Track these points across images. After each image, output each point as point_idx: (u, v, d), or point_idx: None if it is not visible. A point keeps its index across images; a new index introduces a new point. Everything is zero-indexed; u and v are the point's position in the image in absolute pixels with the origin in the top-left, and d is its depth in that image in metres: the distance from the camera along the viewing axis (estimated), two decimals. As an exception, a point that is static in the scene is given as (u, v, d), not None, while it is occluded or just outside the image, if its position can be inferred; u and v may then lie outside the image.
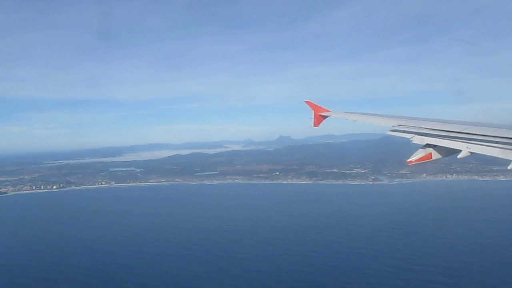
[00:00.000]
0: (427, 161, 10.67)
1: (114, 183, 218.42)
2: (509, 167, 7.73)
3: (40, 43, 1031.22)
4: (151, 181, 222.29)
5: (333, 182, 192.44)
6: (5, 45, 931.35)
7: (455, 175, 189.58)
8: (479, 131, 9.62)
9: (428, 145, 10.63)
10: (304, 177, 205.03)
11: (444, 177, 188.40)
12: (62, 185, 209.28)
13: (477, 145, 9.19)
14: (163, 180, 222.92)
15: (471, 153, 9.29)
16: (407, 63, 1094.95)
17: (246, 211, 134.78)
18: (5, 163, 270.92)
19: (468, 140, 9.60)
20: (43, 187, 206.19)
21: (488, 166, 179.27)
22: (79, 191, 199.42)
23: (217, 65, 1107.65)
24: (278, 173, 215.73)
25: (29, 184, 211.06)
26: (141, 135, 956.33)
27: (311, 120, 18.72)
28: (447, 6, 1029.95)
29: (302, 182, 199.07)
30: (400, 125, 12.79)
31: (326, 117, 18.30)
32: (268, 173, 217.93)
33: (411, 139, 11.28)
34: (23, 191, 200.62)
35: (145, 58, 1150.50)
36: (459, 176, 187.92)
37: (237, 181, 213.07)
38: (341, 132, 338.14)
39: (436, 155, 10.49)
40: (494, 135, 9.02)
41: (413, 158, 10.67)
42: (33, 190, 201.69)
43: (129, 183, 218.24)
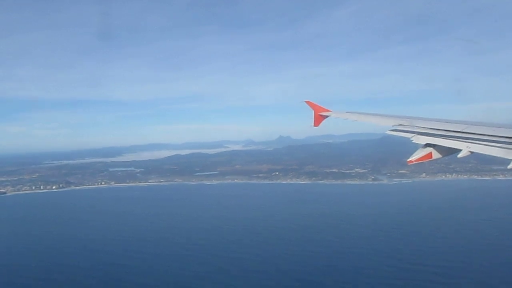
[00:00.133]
0: (427, 160, 10.66)
1: (113, 183, 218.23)
2: (510, 166, 7.71)
3: (40, 43, 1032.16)
4: (150, 181, 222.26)
5: (333, 182, 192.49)
6: (5, 45, 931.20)
7: (454, 174, 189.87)
8: (479, 130, 9.62)
9: (428, 145, 10.60)
10: (303, 177, 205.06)
11: (443, 177, 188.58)
12: (61, 185, 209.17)
13: (477, 145, 9.19)
14: (162, 180, 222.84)
15: (471, 152, 9.28)
16: (407, 62, 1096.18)
17: (245, 211, 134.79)
18: (5, 163, 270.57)
19: (468, 139, 9.60)
20: (43, 187, 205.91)
21: (487, 165, 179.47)
22: (79, 191, 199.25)
23: (217, 65, 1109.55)
24: (277, 173, 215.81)
25: (28, 184, 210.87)
26: (141, 135, 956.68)
27: (311, 120, 18.67)
28: (447, 5, 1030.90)
29: (301, 182, 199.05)
30: (400, 125, 12.78)
31: (326, 117, 18.23)
32: (267, 173, 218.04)
33: (411, 139, 11.26)
34: (23, 191, 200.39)
35: (145, 58, 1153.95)
36: (459, 175, 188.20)
37: (237, 181, 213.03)
38: (341, 132, 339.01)
39: (436, 155, 10.47)
40: (494, 134, 9.02)
41: (413, 157, 10.64)
42: (33, 190, 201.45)
43: (129, 183, 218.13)
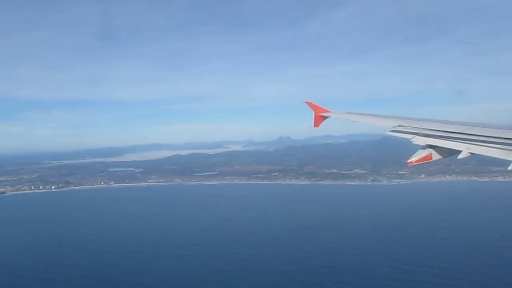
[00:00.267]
0: (427, 161, 10.65)
1: (113, 183, 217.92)
2: (510, 167, 7.69)
3: (40, 43, 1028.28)
4: (150, 181, 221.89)
5: (332, 182, 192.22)
6: (5, 45, 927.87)
7: (454, 175, 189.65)
8: (480, 131, 9.59)
9: (428, 146, 10.60)
10: (303, 178, 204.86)
11: (443, 178, 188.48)
12: (61, 185, 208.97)
13: (478, 146, 9.17)
14: (162, 180, 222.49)
15: (472, 153, 9.25)
16: (407, 63, 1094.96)
17: (244, 211, 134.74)
18: (5, 163, 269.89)
19: (468, 140, 9.57)
20: (42, 187, 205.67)
21: (487, 167, 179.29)
22: (78, 191, 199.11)
23: (217, 65, 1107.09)
24: (277, 174, 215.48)
25: (28, 184, 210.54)
26: (141, 135, 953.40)
27: (311, 120, 18.68)
28: (447, 6, 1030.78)
29: (301, 182, 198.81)
30: (400, 126, 12.75)
31: (326, 117, 18.24)
32: (267, 174, 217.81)
33: (411, 140, 11.26)
34: (22, 191, 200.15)
35: (145, 58, 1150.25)
36: (458, 177, 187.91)
37: (236, 181, 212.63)
38: (341, 132, 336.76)
39: (436, 156, 10.46)
40: (494, 135, 9.00)
41: (413, 158, 10.63)
42: (32, 190, 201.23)
43: (128, 183, 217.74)
